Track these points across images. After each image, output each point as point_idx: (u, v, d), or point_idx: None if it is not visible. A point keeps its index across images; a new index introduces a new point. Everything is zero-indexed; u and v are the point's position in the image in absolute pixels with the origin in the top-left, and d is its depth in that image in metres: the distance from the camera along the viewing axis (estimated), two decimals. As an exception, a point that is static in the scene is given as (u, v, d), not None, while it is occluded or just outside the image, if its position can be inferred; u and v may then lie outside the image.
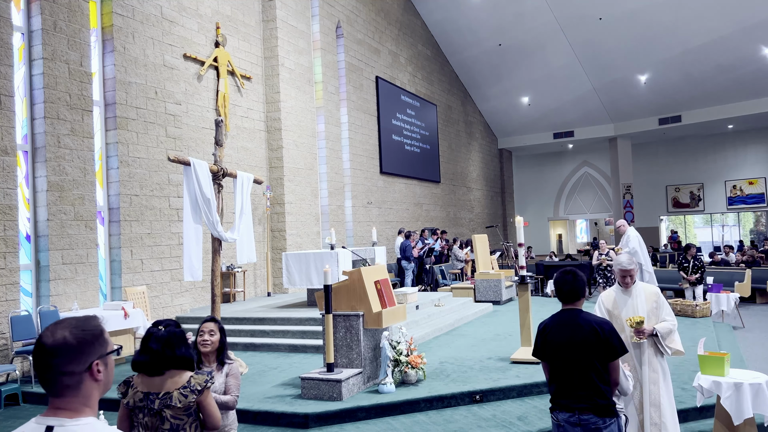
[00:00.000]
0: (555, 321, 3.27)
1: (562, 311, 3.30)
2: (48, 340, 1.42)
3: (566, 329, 3.19)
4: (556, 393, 3.21)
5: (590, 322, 3.16)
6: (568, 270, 3.28)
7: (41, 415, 1.44)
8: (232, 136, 11.44)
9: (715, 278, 11.23)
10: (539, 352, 3.32)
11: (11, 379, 6.95)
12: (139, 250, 9.13)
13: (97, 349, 1.46)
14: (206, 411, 2.67)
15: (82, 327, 1.46)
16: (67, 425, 1.39)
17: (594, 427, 3.09)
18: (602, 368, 3.12)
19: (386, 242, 16.11)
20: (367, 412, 5.48)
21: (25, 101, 7.89)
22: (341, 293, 6.15)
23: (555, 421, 3.23)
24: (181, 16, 10.43)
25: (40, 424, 1.41)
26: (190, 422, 2.65)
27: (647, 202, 26.89)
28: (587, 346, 3.12)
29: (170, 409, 2.61)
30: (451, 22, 20.15)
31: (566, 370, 3.17)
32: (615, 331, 3.18)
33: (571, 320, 3.20)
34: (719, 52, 18.67)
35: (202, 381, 2.68)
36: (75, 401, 1.43)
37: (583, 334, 3.14)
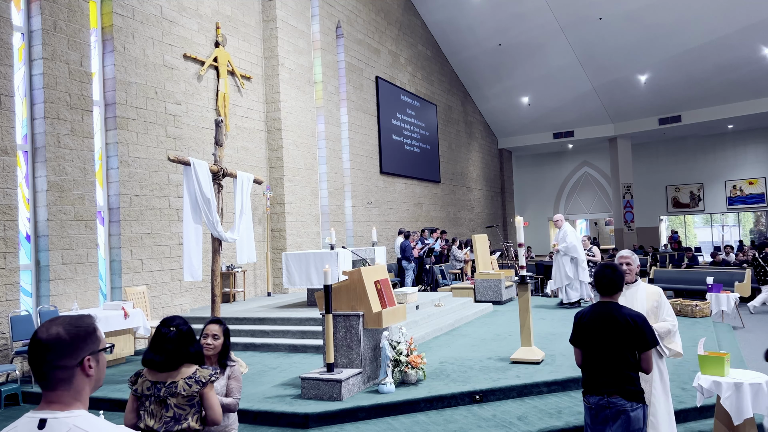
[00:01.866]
0: (591, 311, 3.47)
1: (600, 302, 3.48)
2: (43, 335, 1.47)
3: (601, 319, 3.39)
4: (587, 378, 3.45)
5: (624, 314, 3.34)
6: (607, 264, 3.46)
7: (34, 410, 1.47)
8: (232, 136, 11.44)
9: (715, 278, 11.23)
10: (574, 339, 3.55)
11: (11, 379, 6.95)
12: (139, 250, 9.13)
13: (89, 346, 1.51)
14: (207, 403, 2.79)
15: (75, 324, 1.51)
16: (60, 417, 1.43)
17: (621, 409, 3.31)
18: (632, 357, 3.32)
19: (386, 242, 16.11)
20: (367, 412, 5.48)
21: (25, 101, 7.89)
22: (341, 293, 6.15)
23: (586, 405, 3.46)
24: (181, 16, 10.43)
25: (33, 417, 1.44)
26: (192, 413, 2.76)
27: (647, 202, 26.89)
28: (619, 335, 3.32)
29: (174, 398, 2.74)
30: (451, 22, 20.15)
31: (598, 357, 3.39)
32: (647, 323, 3.34)
33: (606, 311, 3.39)
34: (719, 52, 18.67)
35: (206, 374, 2.81)
36: (67, 395, 1.47)
37: (616, 325, 3.33)
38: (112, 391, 6.43)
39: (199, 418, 2.78)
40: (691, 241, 28.17)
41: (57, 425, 1.42)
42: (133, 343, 8.31)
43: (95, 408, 6.03)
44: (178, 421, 2.74)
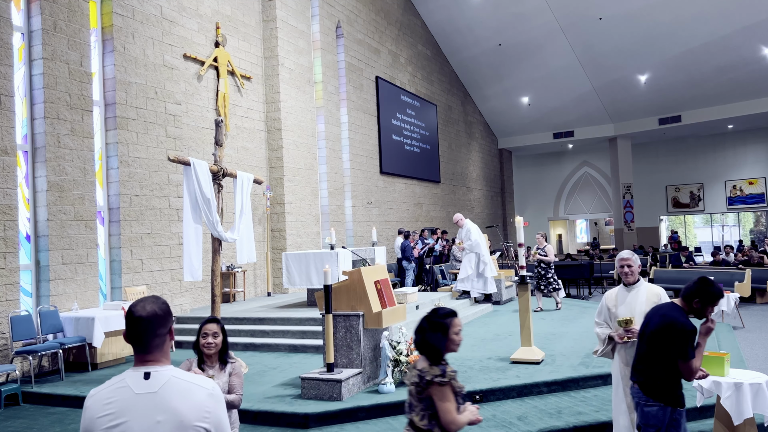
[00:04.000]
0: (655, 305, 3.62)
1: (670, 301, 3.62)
2: (143, 313, 1.88)
3: (654, 314, 3.50)
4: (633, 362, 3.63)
5: (670, 317, 3.37)
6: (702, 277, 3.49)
7: (133, 368, 1.87)
8: (232, 136, 11.44)
9: (715, 278, 11.20)
10: None
11: (11, 379, 6.95)
12: (139, 250, 9.13)
13: (172, 319, 1.96)
14: (436, 405, 2.67)
15: (162, 303, 1.94)
16: (159, 370, 1.85)
17: (637, 400, 3.48)
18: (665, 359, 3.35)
19: (386, 242, 16.11)
20: (367, 412, 5.48)
21: (25, 101, 7.89)
22: (341, 293, 6.15)
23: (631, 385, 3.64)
24: (181, 16, 10.43)
25: (137, 371, 1.85)
26: (419, 408, 2.71)
27: (647, 202, 26.89)
28: (656, 335, 3.40)
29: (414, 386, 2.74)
30: (451, 22, 20.15)
31: (639, 346, 3.56)
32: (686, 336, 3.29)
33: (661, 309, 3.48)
34: (719, 52, 18.67)
35: (433, 373, 2.68)
36: (160, 355, 1.89)
37: (658, 324, 3.41)
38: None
39: (425, 416, 2.67)
40: (691, 241, 28.18)
41: (159, 376, 1.84)
42: (133, 343, 8.31)
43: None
44: (409, 411, 2.74)
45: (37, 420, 5.97)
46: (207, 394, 1.87)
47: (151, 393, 1.80)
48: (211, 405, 1.86)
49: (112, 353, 7.89)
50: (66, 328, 7.62)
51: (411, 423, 2.71)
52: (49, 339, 7.49)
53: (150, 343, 1.88)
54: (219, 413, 1.89)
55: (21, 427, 5.74)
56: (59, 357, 7.21)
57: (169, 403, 1.80)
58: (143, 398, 1.80)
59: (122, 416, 1.77)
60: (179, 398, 1.82)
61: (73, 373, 7.48)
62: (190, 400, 1.83)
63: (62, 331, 7.62)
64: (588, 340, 7.92)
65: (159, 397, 1.80)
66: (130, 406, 1.78)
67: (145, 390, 1.81)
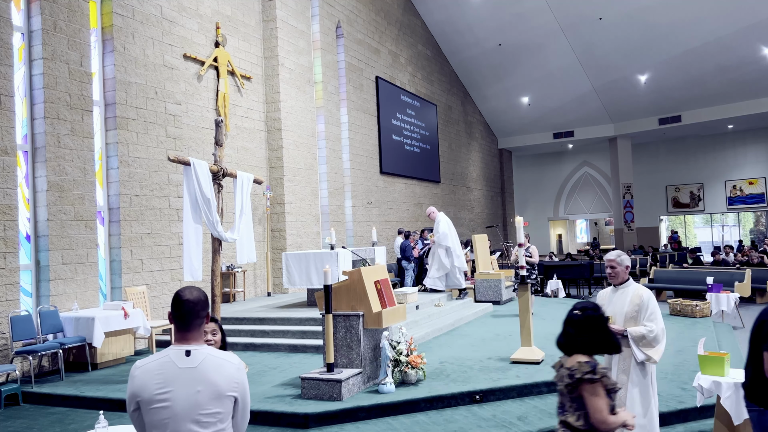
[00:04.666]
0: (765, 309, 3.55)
1: None
2: (190, 296, 2.24)
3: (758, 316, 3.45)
4: None
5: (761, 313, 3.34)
6: None
7: (175, 345, 2.22)
8: (232, 136, 11.44)
9: (715, 278, 11.23)
10: None
11: (11, 379, 6.95)
12: (139, 250, 9.13)
13: (208, 305, 2.30)
14: (587, 404, 2.61)
15: (202, 291, 2.31)
16: (197, 349, 2.21)
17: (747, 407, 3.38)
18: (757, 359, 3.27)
19: (386, 242, 16.11)
20: (367, 412, 5.48)
21: (25, 101, 7.89)
22: (341, 293, 6.15)
23: None
24: (181, 16, 10.43)
25: (180, 349, 2.20)
26: (571, 407, 2.67)
27: (647, 202, 26.89)
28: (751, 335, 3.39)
29: (561, 383, 2.69)
30: (451, 22, 20.15)
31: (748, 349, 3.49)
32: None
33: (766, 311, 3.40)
34: (719, 52, 18.67)
35: (584, 370, 2.61)
36: (198, 335, 2.25)
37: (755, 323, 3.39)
38: (112, 391, 6.43)
39: (581, 417, 2.60)
40: (691, 241, 28.17)
41: (197, 354, 2.19)
42: (133, 343, 8.31)
43: (95, 408, 6.04)
44: (562, 411, 2.69)
45: (37, 420, 5.97)
46: (236, 369, 2.24)
47: (192, 368, 2.17)
48: (240, 377, 2.24)
49: (112, 353, 7.89)
50: (66, 328, 7.63)
51: (565, 423, 2.66)
52: (49, 339, 7.49)
53: (191, 323, 2.24)
54: (244, 383, 2.26)
55: (21, 427, 5.74)
56: (59, 357, 7.21)
57: (207, 376, 2.17)
58: (186, 372, 2.16)
59: (169, 386, 2.13)
60: (215, 372, 2.18)
61: (73, 373, 7.48)
62: (223, 373, 2.19)
63: (62, 331, 7.62)
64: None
65: (198, 371, 2.16)
66: (175, 378, 2.15)
67: (187, 365, 2.17)
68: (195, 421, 2.13)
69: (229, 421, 2.23)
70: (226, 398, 2.19)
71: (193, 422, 2.13)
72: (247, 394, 2.28)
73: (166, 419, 2.12)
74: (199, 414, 2.14)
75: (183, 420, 2.13)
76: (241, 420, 2.29)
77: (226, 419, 2.21)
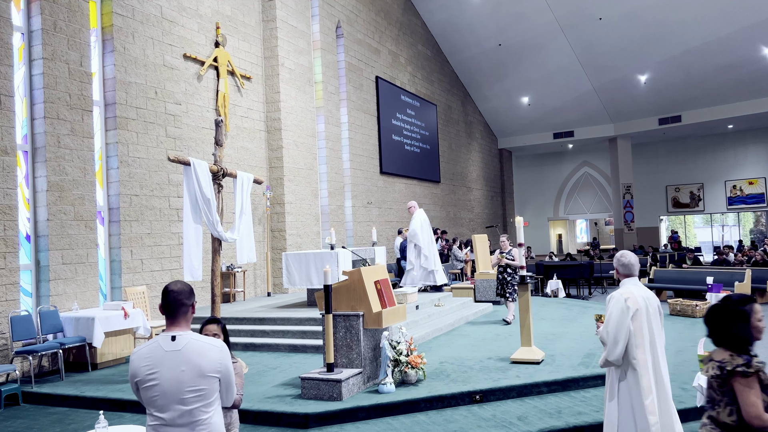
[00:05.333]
0: None
1: None
2: (174, 288, 2.55)
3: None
4: None
5: None
6: None
7: (164, 332, 2.52)
8: (232, 136, 11.44)
9: (715, 278, 11.23)
10: None
11: (11, 379, 6.95)
12: (139, 250, 9.13)
13: (193, 297, 2.61)
14: (739, 399, 2.53)
15: (187, 284, 2.60)
16: (182, 334, 2.50)
17: None
18: None
19: (386, 242, 16.11)
20: (367, 412, 5.48)
21: (25, 101, 7.89)
22: (341, 293, 6.15)
23: None
24: (181, 16, 10.43)
25: (167, 335, 2.50)
26: (722, 402, 2.61)
27: (647, 202, 26.89)
28: None
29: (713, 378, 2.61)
30: (451, 22, 20.15)
31: None
32: None
33: None
34: (719, 52, 18.67)
35: (736, 363, 2.53)
36: (183, 322, 2.55)
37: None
38: (112, 391, 6.43)
39: (733, 411, 2.49)
40: (691, 241, 28.17)
41: (182, 338, 2.48)
42: (133, 343, 8.31)
43: (95, 408, 6.04)
44: (711, 406, 2.60)
45: (37, 420, 5.97)
46: (218, 351, 2.52)
47: (177, 350, 2.46)
48: (222, 359, 2.52)
49: (112, 353, 7.89)
50: (66, 328, 7.62)
51: (713, 419, 2.58)
52: (49, 339, 7.49)
53: (177, 311, 2.53)
54: (227, 365, 2.54)
55: (21, 427, 5.74)
56: (59, 357, 7.21)
57: (190, 357, 2.45)
58: (171, 354, 2.45)
59: (156, 367, 2.44)
60: (197, 354, 2.46)
61: (73, 373, 7.48)
62: (206, 355, 2.48)
63: (62, 331, 7.62)
64: (588, 340, 7.93)
65: (182, 353, 2.45)
66: (162, 360, 2.45)
67: (172, 348, 2.46)
68: (181, 397, 2.43)
69: (214, 397, 2.51)
70: (209, 377, 2.47)
71: (179, 398, 2.43)
72: (229, 373, 2.56)
73: (156, 396, 2.43)
74: (185, 391, 2.43)
75: (170, 396, 2.43)
76: (226, 393, 2.59)
77: (210, 396, 2.49)
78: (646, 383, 3.91)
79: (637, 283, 4.19)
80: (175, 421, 2.44)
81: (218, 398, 2.54)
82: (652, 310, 4.09)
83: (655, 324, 4.07)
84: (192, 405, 2.44)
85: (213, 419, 2.50)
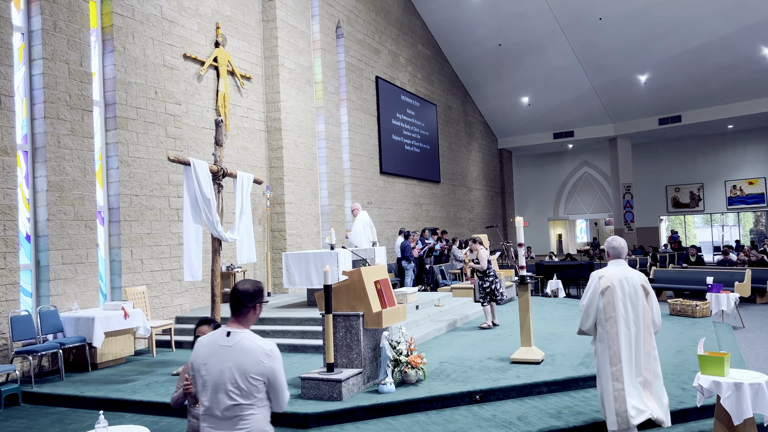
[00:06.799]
0: None
1: None
2: (240, 287, 2.69)
3: None
4: None
5: None
6: None
7: (225, 326, 2.69)
8: (232, 136, 11.45)
9: (715, 278, 11.23)
10: None
11: (11, 379, 6.95)
12: (139, 250, 9.13)
13: (259, 297, 2.72)
14: None
15: (255, 284, 2.73)
16: (237, 332, 2.65)
17: None
18: None
19: (386, 242, 16.11)
20: (367, 412, 5.48)
21: (25, 101, 7.89)
22: (341, 293, 6.15)
23: None
24: (181, 16, 10.43)
25: (224, 330, 2.67)
26: None
27: (647, 202, 26.90)
28: None
29: None
30: (451, 22, 20.15)
31: None
32: None
33: None
34: (719, 52, 18.67)
35: None
36: (243, 321, 2.69)
37: None
38: (112, 391, 6.43)
39: None
40: (691, 241, 28.17)
41: (235, 336, 2.63)
42: (133, 344, 8.31)
43: (95, 408, 6.04)
44: None
45: (37, 420, 5.97)
46: (264, 354, 2.60)
47: (228, 346, 2.62)
48: (267, 361, 2.60)
49: (112, 353, 7.89)
50: (66, 328, 7.63)
51: None
52: (49, 339, 7.49)
53: (238, 310, 2.68)
54: (273, 368, 2.61)
55: (21, 427, 5.74)
56: (59, 357, 7.21)
57: (237, 355, 2.59)
58: (222, 349, 2.62)
59: (209, 358, 2.62)
60: (243, 354, 2.59)
61: (73, 373, 7.48)
62: (251, 356, 2.59)
63: (62, 331, 7.63)
64: (588, 340, 7.92)
65: (232, 350, 2.60)
66: (214, 353, 2.63)
67: (225, 343, 2.63)
68: (224, 391, 2.58)
69: (256, 397, 2.61)
70: (251, 378, 2.57)
71: (222, 391, 2.58)
72: (276, 377, 2.62)
73: (205, 385, 2.62)
74: (228, 386, 2.57)
75: (215, 388, 2.59)
76: (274, 398, 2.69)
77: (253, 395, 2.60)
78: (613, 353, 4.50)
79: (620, 264, 4.66)
80: (217, 412, 2.59)
81: (263, 399, 2.64)
82: (629, 288, 4.56)
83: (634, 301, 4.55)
84: (234, 401, 2.57)
85: (255, 418, 2.62)
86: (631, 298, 4.54)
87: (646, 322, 4.55)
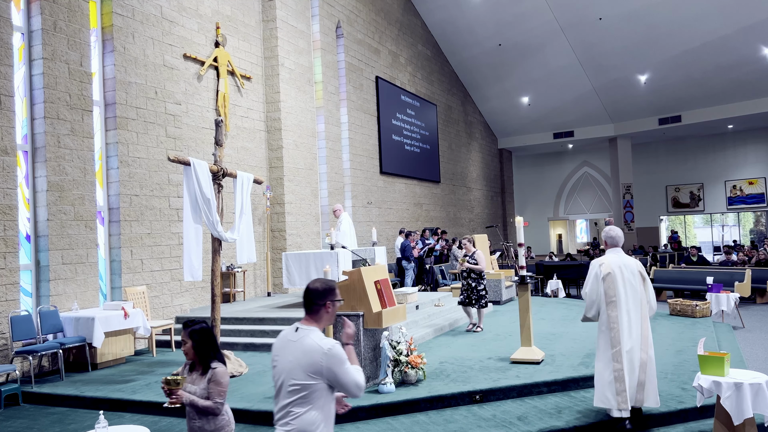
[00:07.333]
0: None
1: None
2: (311, 286, 2.77)
3: None
4: None
5: None
6: None
7: (298, 322, 2.79)
8: (232, 136, 11.44)
9: (715, 278, 11.22)
10: None
11: (11, 379, 6.94)
12: (139, 250, 9.13)
13: (330, 296, 2.77)
14: None
15: (327, 283, 2.79)
16: (305, 328, 2.73)
17: None
18: None
19: (386, 242, 16.11)
20: (367, 412, 5.48)
21: (25, 101, 7.89)
22: (341, 293, 6.14)
23: None
24: (181, 16, 10.43)
25: (295, 326, 2.78)
26: None
27: (647, 202, 26.89)
28: None
29: None
30: (451, 22, 20.15)
31: None
32: None
33: None
34: (719, 52, 18.67)
35: None
36: (313, 318, 2.77)
37: None
38: (112, 391, 6.43)
39: None
40: (691, 241, 28.17)
41: (302, 332, 2.72)
42: (133, 344, 8.31)
43: (95, 408, 6.04)
44: None
45: (37, 420, 5.97)
46: (322, 353, 2.62)
47: (294, 341, 2.72)
48: (324, 360, 2.61)
49: (112, 353, 7.89)
50: (66, 328, 7.63)
51: None
52: (49, 339, 7.49)
53: (309, 307, 2.77)
54: (331, 367, 2.61)
55: (21, 427, 5.74)
56: (59, 357, 7.21)
57: (298, 351, 2.67)
58: (289, 343, 2.74)
59: (279, 351, 2.77)
60: (302, 351, 2.66)
61: (73, 373, 7.48)
62: (309, 354, 2.64)
63: (62, 331, 7.63)
64: (588, 340, 7.93)
65: (296, 345, 2.70)
66: (284, 347, 2.77)
67: (292, 339, 2.75)
68: (289, 383, 2.66)
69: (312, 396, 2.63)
70: (307, 376, 2.62)
71: (288, 384, 2.67)
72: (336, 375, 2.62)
73: (277, 376, 2.74)
74: (289, 380, 2.67)
75: (283, 380, 2.70)
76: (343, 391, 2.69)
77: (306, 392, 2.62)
78: (614, 335, 4.73)
79: (617, 252, 4.91)
80: (278, 402, 2.73)
81: (318, 398, 2.63)
82: (628, 274, 4.82)
83: (632, 287, 4.79)
84: (289, 397, 2.66)
85: (304, 417, 2.63)
86: (630, 284, 4.80)
87: (643, 306, 4.82)
